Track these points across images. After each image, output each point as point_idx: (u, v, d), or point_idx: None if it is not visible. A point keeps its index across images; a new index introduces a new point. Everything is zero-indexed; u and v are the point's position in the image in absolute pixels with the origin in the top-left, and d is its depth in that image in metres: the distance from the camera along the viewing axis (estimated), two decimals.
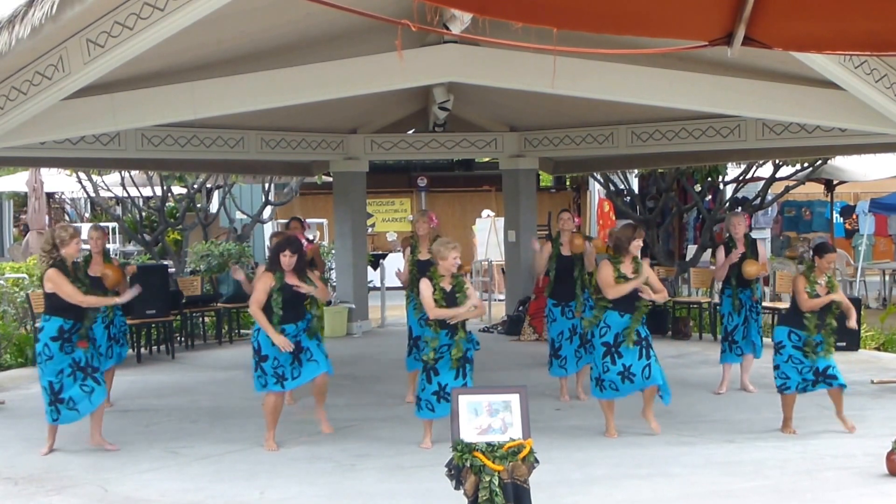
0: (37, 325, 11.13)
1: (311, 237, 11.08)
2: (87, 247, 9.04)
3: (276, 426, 7.44)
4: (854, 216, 19.90)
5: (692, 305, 13.15)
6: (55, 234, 7.20)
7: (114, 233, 18.69)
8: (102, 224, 12.26)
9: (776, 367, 7.59)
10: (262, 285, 7.25)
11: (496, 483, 4.79)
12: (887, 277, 16.24)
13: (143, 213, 17.23)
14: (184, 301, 12.22)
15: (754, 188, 16.61)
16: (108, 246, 9.23)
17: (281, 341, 7.07)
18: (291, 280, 7.26)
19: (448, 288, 7.11)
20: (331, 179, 13.96)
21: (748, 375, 9.27)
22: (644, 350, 7.44)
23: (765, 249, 9.39)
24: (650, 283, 7.51)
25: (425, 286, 7.13)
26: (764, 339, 9.37)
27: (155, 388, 9.68)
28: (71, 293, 7.06)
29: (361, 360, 11.40)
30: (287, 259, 7.21)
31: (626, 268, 7.51)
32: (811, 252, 7.87)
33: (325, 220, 19.58)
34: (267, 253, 16.57)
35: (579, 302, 8.87)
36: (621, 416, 8.35)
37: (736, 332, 9.06)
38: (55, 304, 7.11)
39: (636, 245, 7.53)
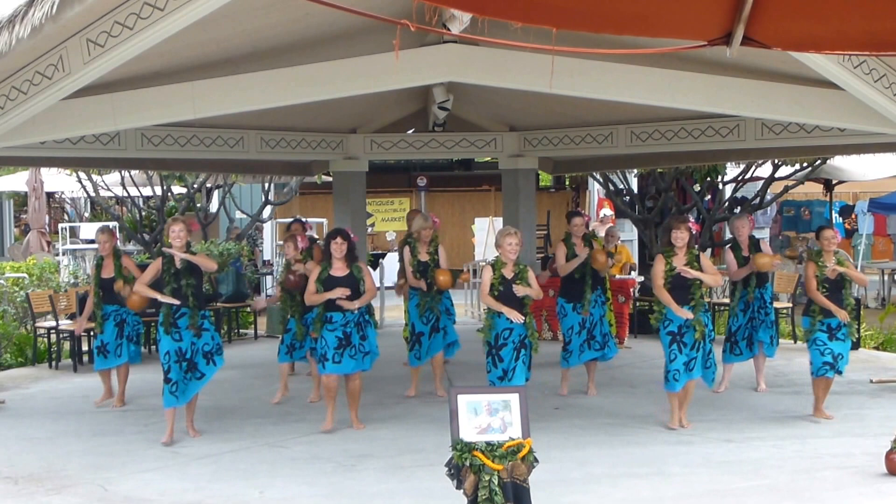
0: (36, 324, 11.20)
1: (314, 237, 11.10)
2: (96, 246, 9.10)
3: (331, 407, 7.84)
4: (853, 216, 19.91)
5: None
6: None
7: None
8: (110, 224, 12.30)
9: (809, 353, 7.96)
10: (313, 277, 7.74)
11: (496, 482, 4.79)
12: (886, 277, 16.25)
13: (143, 213, 17.24)
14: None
15: (753, 188, 16.63)
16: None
17: (337, 292, 7.53)
18: (338, 272, 7.65)
19: (509, 275, 7.35)
20: (330, 179, 13.95)
21: (762, 375, 9.31)
22: (698, 343, 7.59)
23: (769, 247, 9.42)
24: (704, 272, 7.59)
25: (486, 271, 7.46)
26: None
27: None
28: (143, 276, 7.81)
29: None
30: (338, 246, 7.63)
31: (678, 261, 7.60)
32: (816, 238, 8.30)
33: (324, 220, 19.58)
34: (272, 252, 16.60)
35: (587, 301, 9.02)
36: (620, 416, 8.37)
37: (739, 332, 9.09)
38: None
39: (675, 236, 7.61)
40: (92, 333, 9.12)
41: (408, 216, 11.25)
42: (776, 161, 14.58)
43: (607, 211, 16.63)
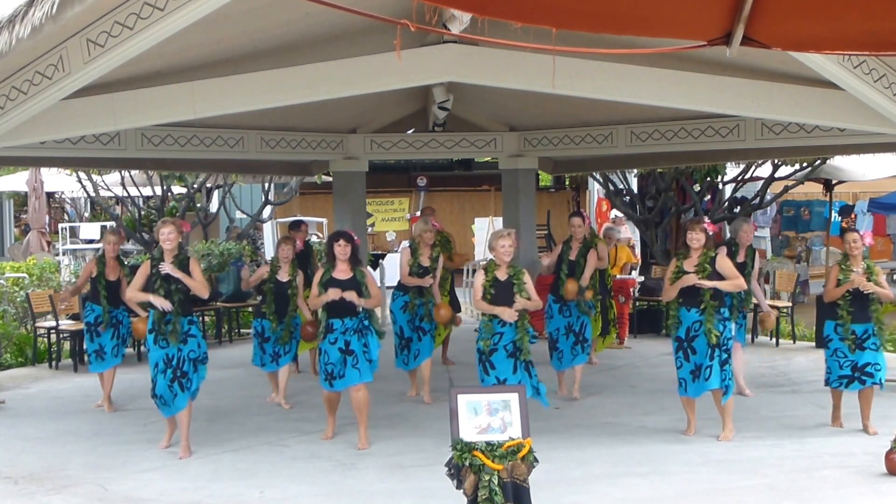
0: (36, 324, 11.20)
1: (316, 237, 11.11)
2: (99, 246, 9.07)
3: (332, 418, 7.60)
4: (853, 216, 19.91)
5: None
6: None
7: None
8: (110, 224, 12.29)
9: (826, 361, 7.70)
10: (316, 279, 7.42)
11: (496, 482, 4.80)
12: (885, 277, 16.22)
13: (143, 212, 17.25)
14: None
15: (753, 188, 16.63)
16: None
17: (331, 294, 7.16)
18: (341, 275, 7.29)
19: (503, 278, 7.12)
20: (330, 179, 13.96)
21: (742, 377, 9.27)
22: (712, 350, 7.27)
23: (758, 264, 9.35)
24: (724, 274, 7.27)
25: (479, 275, 7.23)
26: (761, 337, 9.47)
27: None
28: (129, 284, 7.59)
29: None
30: (341, 248, 7.31)
31: (690, 263, 7.34)
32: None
33: (324, 220, 19.61)
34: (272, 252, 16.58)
35: (581, 301, 8.93)
36: (620, 416, 8.38)
37: None
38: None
39: (690, 237, 7.37)
40: (88, 334, 9.08)
41: (422, 213, 11.30)
42: (776, 161, 14.59)
43: (618, 212, 16.67)
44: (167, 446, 7.43)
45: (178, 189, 17.65)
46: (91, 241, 18.71)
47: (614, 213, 16.97)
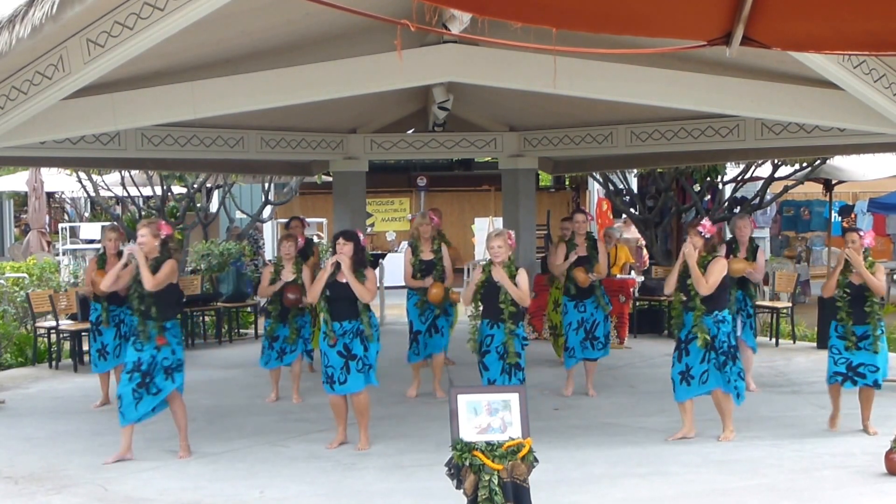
0: (37, 324, 11.20)
1: (316, 237, 11.11)
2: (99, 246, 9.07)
3: (342, 426, 7.45)
4: (852, 216, 19.91)
5: None
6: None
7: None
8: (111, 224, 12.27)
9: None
10: (320, 276, 7.35)
11: (495, 482, 4.80)
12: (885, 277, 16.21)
13: (143, 213, 17.23)
14: (184, 300, 12.20)
15: (753, 188, 16.62)
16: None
17: (333, 262, 7.16)
18: (341, 277, 7.19)
19: (496, 277, 7.18)
20: (330, 179, 13.97)
21: (751, 374, 9.26)
22: (707, 354, 7.23)
23: (764, 257, 9.35)
24: (707, 275, 7.19)
25: (476, 272, 7.32)
26: (761, 337, 9.46)
27: None
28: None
29: None
30: (341, 247, 7.22)
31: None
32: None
33: (324, 220, 19.62)
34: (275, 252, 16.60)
35: (599, 295, 9.07)
36: (620, 416, 8.38)
37: None
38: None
39: (692, 238, 7.31)
40: (90, 333, 9.10)
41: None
42: (776, 161, 14.59)
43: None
44: (113, 460, 7.05)
45: (178, 189, 17.64)
46: (91, 241, 18.68)
47: (623, 215, 17.01)
